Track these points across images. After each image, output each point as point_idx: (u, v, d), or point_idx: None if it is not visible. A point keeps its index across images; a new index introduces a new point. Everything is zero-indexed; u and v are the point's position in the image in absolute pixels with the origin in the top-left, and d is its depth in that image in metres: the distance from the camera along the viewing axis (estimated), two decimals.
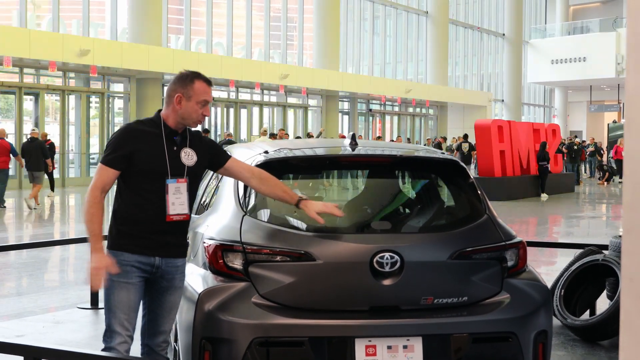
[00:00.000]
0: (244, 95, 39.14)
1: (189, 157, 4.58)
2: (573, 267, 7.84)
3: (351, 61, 46.67)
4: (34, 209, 20.05)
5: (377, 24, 49.08)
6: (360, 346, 4.42)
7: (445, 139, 41.69)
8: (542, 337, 4.75)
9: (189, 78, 4.54)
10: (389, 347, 4.45)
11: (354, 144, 5.23)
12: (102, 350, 4.45)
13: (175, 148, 4.55)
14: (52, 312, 8.50)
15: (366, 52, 48.25)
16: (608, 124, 51.86)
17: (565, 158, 36.37)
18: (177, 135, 4.58)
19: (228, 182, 5.06)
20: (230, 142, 23.39)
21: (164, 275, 4.57)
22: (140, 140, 4.48)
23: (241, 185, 4.92)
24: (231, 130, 36.18)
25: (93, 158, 31.67)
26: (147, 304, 4.67)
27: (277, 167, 5.02)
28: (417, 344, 4.47)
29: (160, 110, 4.64)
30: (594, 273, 7.78)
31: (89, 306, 8.40)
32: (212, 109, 36.46)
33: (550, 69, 59.87)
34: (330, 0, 40.76)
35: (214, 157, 4.73)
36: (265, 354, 4.39)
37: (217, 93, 37.05)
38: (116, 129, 33.29)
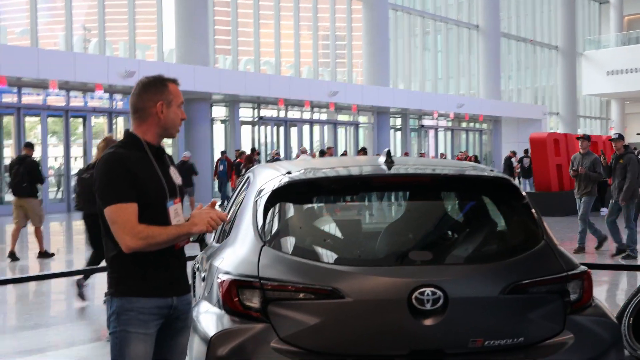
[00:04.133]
0: (294, 114, 38.74)
1: (176, 175, 4.08)
2: None
3: (402, 77, 46.23)
4: None
5: (427, 39, 48.57)
6: None
7: (514, 153, 40.58)
8: None
9: (160, 83, 3.97)
10: None
11: (389, 162, 4.59)
12: None
13: (164, 167, 4.01)
14: (77, 347, 7.96)
15: (417, 68, 47.75)
16: None
17: None
18: (161, 153, 4.03)
19: (247, 208, 4.46)
20: (276, 161, 22.97)
21: (180, 315, 3.97)
22: (135, 167, 3.86)
23: (261, 211, 4.30)
24: (281, 149, 35.81)
25: None
26: (155, 350, 3.94)
27: (301, 189, 4.41)
28: None
29: (128, 131, 4.02)
30: None
31: None
32: (262, 128, 36.19)
33: (605, 80, 58.86)
34: (379, 16, 40.47)
35: None
36: None
37: (266, 112, 36.72)
38: (167, 149, 33.33)
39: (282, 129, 37.34)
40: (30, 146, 15.83)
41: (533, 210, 4.43)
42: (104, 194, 3.82)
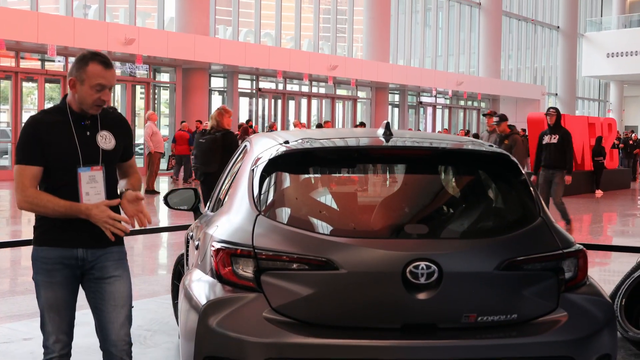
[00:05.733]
0: (293, 87, 38.63)
1: (106, 140, 4.24)
2: (636, 274, 7.09)
3: (402, 53, 46.08)
4: None
5: (428, 15, 48.34)
6: None
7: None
8: None
9: (82, 60, 4.15)
10: None
11: (388, 134, 4.55)
12: (42, 346, 4.28)
13: (88, 133, 4.21)
14: None
15: (417, 45, 47.57)
16: None
17: (620, 153, 35.35)
18: (85, 119, 4.21)
19: (243, 177, 4.42)
20: None
21: (94, 266, 4.25)
22: (48, 131, 4.13)
23: (257, 180, 4.26)
24: (278, 122, 35.73)
25: (141, 149, 31.28)
26: (90, 306, 4.35)
27: (297, 159, 4.37)
28: None
29: (66, 96, 4.25)
30: None
31: None
32: (260, 100, 36.07)
33: (605, 62, 58.72)
34: None
35: (126, 148, 4.42)
36: None
37: (264, 84, 36.60)
38: (164, 119, 33.36)
39: (280, 101, 37.25)
40: None
41: (530, 187, 4.40)
42: (15, 154, 4.17)
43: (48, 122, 4.15)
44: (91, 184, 4.13)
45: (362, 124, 28.18)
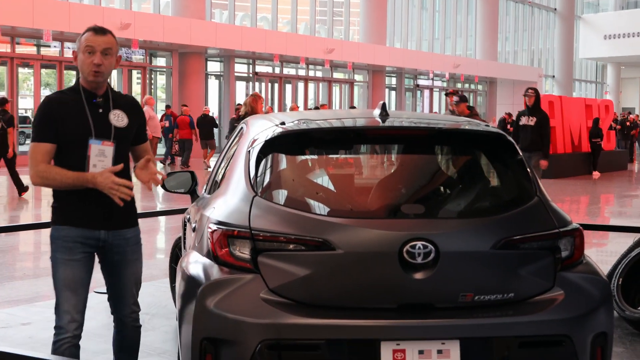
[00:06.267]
0: (289, 70, 38.57)
1: (118, 118, 4.43)
2: (633, 254, 7.11)
3: (399, 37, 46.01)
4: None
5: None
6: (387, 350, 3.75)
7: (509, 114, 40.23)
8: (601, 340, 4.04)
9: (82, 33, 4.40)
10: (421, 352, 3.77)
11: (384, 114, 4.54)
12: (54, 328, 4.40)
13: (100, 110, 4.40)
14: None
15: (414, 28, 47.51)
16: None
17: (618, 135, 35.35)
18: (96, 97, 4.41)
19: (240, 158, 4.41)
20: None
21: (113, 249, 4.49)
22: (62, 109, 4.33)
23: (253, 161, 4.26)
24: (275, 106, 35.70)
25: None
26: (105, 279, 4.63)
27: (294, 140, 4.37)
28: (453, 349, 3.80)
29: (79, 78, 4.48)
30: None
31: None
32: (256, 84, 36.00)
33: (602, 44, 58.69)
34: None
35: (140, 131, 4.62)
36: (276, 358, 3.75)
37: (261, 68, 36.54)
38: (160, 104, 33.29)
39: (276, 85, 37.21)
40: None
41: (527, 166, 4.39)
42: (32, 132, 4.37)
43: (62, 100, 4.36)
44: (100, 157, 4.30)
45: (353, 108, 28.18)
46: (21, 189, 16.62)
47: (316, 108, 26.61)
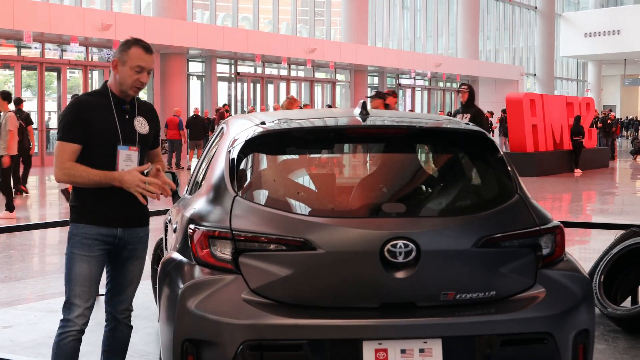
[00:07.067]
0: (272, 70, 38.54)
1: (142, 125, 4.62)
2: (614, 251, 7.13)
3: (380, 36, 46.05)
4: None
5: None
6: (369, 350, 3.75)
7: (491, 113, 40.33)
8: (583, 338, 4.05)
9: (128, 44, 4.54)
10: (403, 351, 3.77)
11: (365, 113, 4.54)
12: (60, 321, 4.52)
13: (127, 117, 4.56)
14: (47, 300, 7.91)
15: (395, 27, 47.56)
16: None
17: (599, 133, 35.49)
18: (125, 104, 4.58)
19: (220, 159, 4.40)
20: None
21: (127, 245, 4.63)
22: (91, 112, 4.46)
23: (234, 161, 4.25)
24: (257, 106, 35.67)
25: None
26: (109, 274, 4.73)
27: (274, 140, 4.36)
28: (435, 347, 3.80)
29: (107, 82, 4.63)
30: (638, 257, 7.05)
31: None
32: (238, 84, 35.97)
33: (583, 42, 58.99)
34: None
35: (155, 136, 4.77)
36: (258, 359, 3.74)
37: (243, 68, 36.49)
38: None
39: (258, 85, 37.17)
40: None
41: (507, 164, 4.40)
42: (58, 131, 4.54)
43: (91, 102, 4.51)
44: (127, 161, 4.49)
45: (329, 107, 28.22)
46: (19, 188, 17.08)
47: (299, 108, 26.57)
